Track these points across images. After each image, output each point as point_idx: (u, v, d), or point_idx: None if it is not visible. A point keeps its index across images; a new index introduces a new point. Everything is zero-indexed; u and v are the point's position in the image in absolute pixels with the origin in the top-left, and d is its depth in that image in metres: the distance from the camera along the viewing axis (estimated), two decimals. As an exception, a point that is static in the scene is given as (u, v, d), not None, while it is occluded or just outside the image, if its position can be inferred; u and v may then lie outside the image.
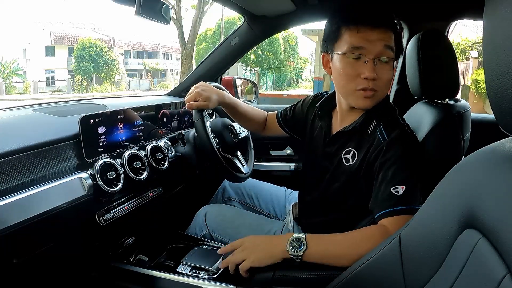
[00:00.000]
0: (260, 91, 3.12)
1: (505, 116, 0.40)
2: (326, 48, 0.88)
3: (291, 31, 21.86)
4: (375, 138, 0.83)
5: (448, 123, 0.94)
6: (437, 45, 1.00)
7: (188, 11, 12.38)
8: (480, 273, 0.42)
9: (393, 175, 0.76)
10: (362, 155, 0.84)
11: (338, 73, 0.84)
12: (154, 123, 1.20)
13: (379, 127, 0.83)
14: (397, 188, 0.74)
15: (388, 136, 0.80)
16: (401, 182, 0.74)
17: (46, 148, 0.83)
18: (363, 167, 0.83)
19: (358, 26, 0.80)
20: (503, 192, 0.41)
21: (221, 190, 1.35)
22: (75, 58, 20.43)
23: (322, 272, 0.75)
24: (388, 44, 0.81)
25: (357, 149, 0.86)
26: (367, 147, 0.83)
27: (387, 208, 0.74)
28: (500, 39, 0.38)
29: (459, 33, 10.43)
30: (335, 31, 0.84)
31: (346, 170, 0.87)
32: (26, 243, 0.77)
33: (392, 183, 0.75)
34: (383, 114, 0.86)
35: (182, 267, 0.92)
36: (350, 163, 0.87)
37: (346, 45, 0.81)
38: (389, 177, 0.76)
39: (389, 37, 0.81)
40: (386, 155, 0.78)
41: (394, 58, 0.83)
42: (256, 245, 0.79)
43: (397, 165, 0.76)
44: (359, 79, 0.81)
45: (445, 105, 1.00)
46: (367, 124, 0.86)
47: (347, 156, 0.88)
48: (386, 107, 0.88)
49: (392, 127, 0.82)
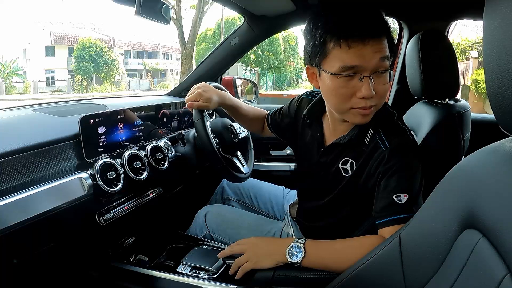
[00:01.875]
0: (260, 91, 3.12)
1: (505, 116, 0.40)
2: (309, 61, 0.78)
3: (291, 31, 21.83)
4: (375, 146, 0.79)
5: (448, 123, 0.94)
6: (437, 45, 1.00)
7: (188, 11, 12.41)
8: (480, 273, 0.42)
9: (396, 183, 0.74)
10: (360, 165, 0.81)
11: (329, 92, 0.76)
12: (154, 123, 1.20)
13: (378, 134, 0.79)
14: (400, 197, 0.72)
15: (390, 144, 0.77)
16: (404, 190, 0.73)
17: (46, 148, 0.83)
18: (363, 177, 0.80)
19: (348, 41, 0.69)
20: (503, 192, 0.41)
21: (219, 190, 1.34)
22: (75, 58, 20.43)
23: (322, 272, 0.75)
24: (384, 55, 0.71)
25: (355, 159, 0.82)
26: (366, 156, 0.80)
27: (388, 216, 0.73)
28: (500, 39, 0.38)
29: (459, 33, 10.43)
30: (321, 45, 0.73)
31: (343, 180, 0.84)
32: (26, 243, 0.77)
33: (394, 191, 0.73)
34: (381, 121, 0.80)
35: (182, 267, 0.92)
36: (348, 174, 0.83)
37: (337, 64, 0.71)
38: (392, 186, 0.74)
39: (383, 46, 0.71)
40: (388, 163, 0.75)
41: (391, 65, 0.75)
42: (257, 250, 0.80)
43: (400, 173, 0.74)
44: (355, 98, 0.73)
45: (445, 105, 1.00)
46: (364, 134, 0.81)
47: (345, 166, 0.84)
48: (384, 113, 0.82)
49: (394, 134, 0.78)
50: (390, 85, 0.82)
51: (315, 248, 0.76)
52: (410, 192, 0.72)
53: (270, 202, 1.29)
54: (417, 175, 0.75)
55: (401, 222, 0.69)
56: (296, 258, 0.75)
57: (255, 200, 1.30)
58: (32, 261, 0.80)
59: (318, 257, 0.76)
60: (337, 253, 0.76)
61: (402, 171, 0.74)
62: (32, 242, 0.79)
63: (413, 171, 0.75)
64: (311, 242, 0.78)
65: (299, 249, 0.76)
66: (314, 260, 0.76)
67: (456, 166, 0.52)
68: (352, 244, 0.76)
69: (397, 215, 0.72)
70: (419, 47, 0.99)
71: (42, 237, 0.81)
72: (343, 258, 0.73)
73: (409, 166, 0.75)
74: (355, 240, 0.77)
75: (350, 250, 0.74)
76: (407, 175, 0.74)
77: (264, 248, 0.80)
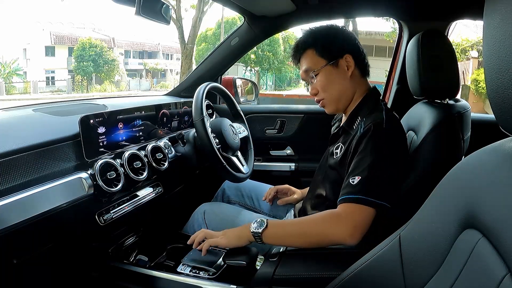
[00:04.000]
0: (260, 91, 3.13)
1: (505, 116, 0.40)
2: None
3: (291, 31, 21.81)
4: (357, 131, 0.89)
5: (448, 123, 0.94)
6: (437, 45, 1.00)
7: (188, 11, 12.41)
8: (480, 273, 0.42)
9: (354, 166, 0.82)
10: (345, 148, 0.92)
11: None
12: (154, 123, 1.20)
13: (362, 122, 0.89)
14: (354, 179, 0.80)
15: (363, 129, 0.86)
16: (358, 173, 0.80)
17: (46, 148, 0.83)
18: (346, 159, 0.89)
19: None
20: (503, 192, 0.41)
21: (220, 192, 1.35)
22: (75, 58, 20.40)
23: (322, 272, 0.75)
24: (305, 68, 0.97)
25: (344, 144, 0.94)
26: (350, 140, 0.91)
27: (343, 195, 0.81)
28: (500, 39, 0.38)
29: (459, 33, 10.43)
30: None
31: (332, 163, 0.95)
32: (26, 243, 0.77)
33: (352, 174, 0.82)
34: (368, 110, 0.92)
35: (182, 267, 0.92)
36: (337, 156, 0.94)
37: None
38: (351, 168, 0.83)
39: (304, 63, 0.97)
40: (356, 148, 0.85)
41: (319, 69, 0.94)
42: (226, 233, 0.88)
43: (360, 157, 0.83)
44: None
45: (445, 105, 1.00)
46: (353, 122, 0.94)
47: (336, 150, 0.96)
48: (368, 104, 0.94)
49: (369, 121, 0.86)
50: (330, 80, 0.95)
51: (275, 222, 0.86)
52: (362, 174, 0.80)
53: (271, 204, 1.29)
54: (377, 159, 0.80)
55: (351, 202, 0.79)
56: (258, 229, 0.83)
57: (257, 202, 1.30)
58: (32, 261, 0.80)
59: (277, 229, 0.84)
60: (293, 225, 0.87)
61: (362, 155, 0.83)
62: (32, 242, 0.79)
63: (372, 155, 0.81)
64: (274, 219, 0.89)
65: (262, 222, 0.84)
66: (273, 232, 0.83)
67: (456, 166, 0.52)
68: (308, 217, 0.87)
69: (347, 194, 0.80)
70: (419, 47, 0.99)
71: (42, 237, 0.81)
72: (298, 228, 0.84)
73: (368, 151, 0.82)
74: (312, 215, 0.88)
75: (305, 222, 0.85)
76: (364, 159, 0.81)
77: (234, 232, 0.88)
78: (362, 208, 0.77)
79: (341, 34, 0.97)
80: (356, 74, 0.95)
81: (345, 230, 0.77)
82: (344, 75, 0.94)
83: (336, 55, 0.93)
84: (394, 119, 0.89)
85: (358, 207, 0.78)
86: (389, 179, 0.81)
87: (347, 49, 0.94)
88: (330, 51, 0.94)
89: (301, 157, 1.66)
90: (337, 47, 0.94)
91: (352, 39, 0.97)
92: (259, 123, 1.66)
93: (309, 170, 1.55)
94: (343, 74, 0.94)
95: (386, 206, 0.78)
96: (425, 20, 1.44)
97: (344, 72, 0.94)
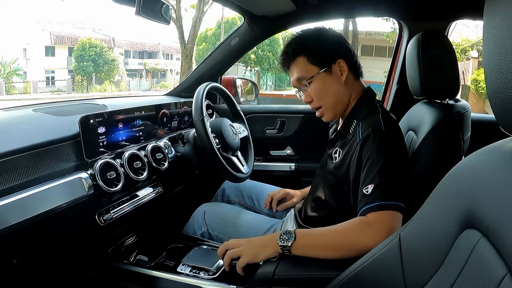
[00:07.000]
0: (260, 91, 3.13)
1: (505, 116, 0.40)
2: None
3: (291, 31, 21.78)
4: (354, 137, 0.88)
5: (448, 123, 0.94)
6: (437, 45, 1.00)
7: (188, 11, 12.41)
8: (480, 273, 0.42)
9: (365, 176, 0.80)
10: (344, 153, 0.90)
11: None
12: (154, 123, 1.20)
13: (358, 127, 0.88)
14: (367, 188, 0.78)
15: (362, 135, 0.85)
16: (369, 181, 0.79)
17: (46, 148, 0.83)
18: (345, 165, 0.88)
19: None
20: (503, 192, 0.41)
21: (220, 192, 1.35)
22: (75, 58, 20.40)
23: (322, 272, 0.75)
24: (297, 77, 0.94)
25: (341, 148, 0.94)
26: (349, 146, 0.89)
27: (362, 208, 0.78)
28: (500, 39, 0.38)
29: (459, 33, 10.43)
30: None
31: (332, 168, 0.94)
32: (26, 243, 0.77)
33: (364, 184, 0.80)
34: (363, 113, 0.90)
35: (182, 267, 0.92)
36: (336, 161, 0.93)
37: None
38: (362, 178, 0.81)
39: (295, 71, 0.94)
40: (360, 156, 0.83)
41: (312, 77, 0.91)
42: (251, 242, 0.83)
43: (367, 166, 0.81)
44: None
45: (445, 105, 1.00)
46: (348, 126, 0.93)
47: (335, 155, 0.95)
48: (363, 106, 0.92)
49: (367, 126, 0.85)
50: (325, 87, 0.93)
51: (303, 233, 0.81)
52: (373, 181, 0.78)
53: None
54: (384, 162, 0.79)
55: (372, 210, 0.76)
56: (286, 242, 0.78)
57: (257, 202, 1.30)
58: (32, 261, 0.80)
59: (306, 240, 0.79)
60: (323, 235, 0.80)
61: (369, 162, 0.81)
62: (32, 242, 0.79)
63: (380, 160, 0.80)
64: (300, 229, 0.83)
65: (290, 235, 0.79)
66: (303, 244, 0.78)
67: (456, 166, 0.52)
68: (337, 226, 0.80)
69: (367, 205, 0.78)
70: (419, 47, 0.99)
71: (42, 237, 0.81)
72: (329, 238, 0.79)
73: (374, 157, 0.80)
74: (340, 224, 0.81)
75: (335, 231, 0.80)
76: (371, 166, 0.80)
77: (258, 241, 0.83)
78: (387, 213, 0.75)
79: (331, 38, 0.94)
80: (350, 78, 0.94)
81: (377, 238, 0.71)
82: (339, 81, 0.92)
83: (328, 61, 0.91)
84: (390, 121, 0.88)
85: (383, 213, 0.75)
86: (400, 179, 0.80)
87: (339, 53, 0.92)
88: (322, 57, 0.91)
89: (301, 157, 1.66)
90: (329, 52, 0.91)
91: (342, 41, 0.95)
92: (259, 123, 1.66)
93: (309, 170, 1.55)
94: (337, 80, 0.92)
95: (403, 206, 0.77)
96: (425, 20, 1.44)
97: (338, 77, 0.92)
